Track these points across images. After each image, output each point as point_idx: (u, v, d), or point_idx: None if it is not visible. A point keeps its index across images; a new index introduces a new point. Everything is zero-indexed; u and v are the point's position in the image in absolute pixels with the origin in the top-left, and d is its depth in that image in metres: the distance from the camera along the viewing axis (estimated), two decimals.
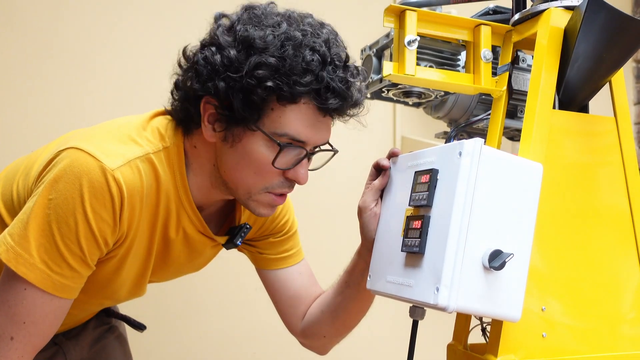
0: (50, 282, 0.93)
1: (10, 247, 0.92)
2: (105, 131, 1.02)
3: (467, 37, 1.06)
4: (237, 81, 0.94)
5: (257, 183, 1.01)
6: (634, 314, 0.97)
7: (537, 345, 0.90)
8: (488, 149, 0.83)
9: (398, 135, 2.26)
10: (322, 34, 0.99)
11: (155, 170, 1.01)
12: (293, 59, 0.94)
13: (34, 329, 0.94)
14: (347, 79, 0.98)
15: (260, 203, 1.04)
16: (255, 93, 0.94)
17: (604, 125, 1.01)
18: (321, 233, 2.08)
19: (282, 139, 0.97)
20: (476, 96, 1.19)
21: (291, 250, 1.27)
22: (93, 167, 0.93)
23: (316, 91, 0.95)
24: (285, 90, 0.93)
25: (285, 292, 1.26)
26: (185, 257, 1.17)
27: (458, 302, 0.80)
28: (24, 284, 0.92)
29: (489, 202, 0.83)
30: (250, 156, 0.99)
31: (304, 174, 1.02)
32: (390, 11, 1.01)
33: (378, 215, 1.02)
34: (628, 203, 0.99)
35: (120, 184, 0.94)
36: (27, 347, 0.95)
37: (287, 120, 0.96)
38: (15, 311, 0.93)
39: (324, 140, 1.03)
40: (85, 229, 0.93)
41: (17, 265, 0.91)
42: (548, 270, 0.93)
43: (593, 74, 0.97)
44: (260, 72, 0.93)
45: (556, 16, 0.98)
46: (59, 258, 0.93)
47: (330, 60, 0.96)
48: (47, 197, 0.92)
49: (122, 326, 1.41)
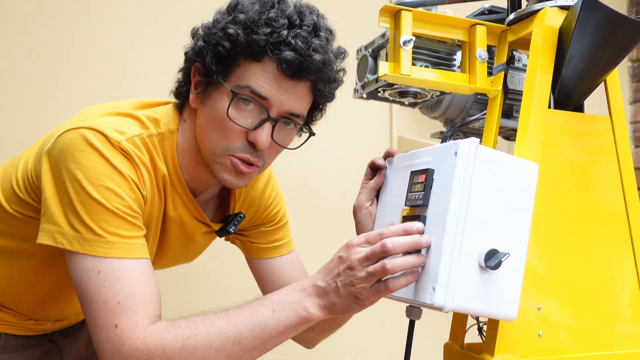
0: (133, 248, 0.94)
1: (80, 238, 0.92)
2: (96, 113, 1.03)
3: (462, 37, 1.07)
4: (211, 37, 1.01)
5: (219, 142, 1.02)
6: (630, 313, 0.97)
7: (534, 344, 0.91)
8: (484, 149, 0.84)
9: (394, 135, 2.26)
10: (306, 8, 1.02)
11: (150, 152, 1.02)
12: (258, 15, 0.98)
13: (140, 298, 0.92)
14: (309, 41, 0.99)
15: (224, 166, 1.03)
16: (222, 45, 0.99)
17: (599, 125, 1.01)
18: (317, 232, 2.08)
19: (243, 91, 0.99)
20: (472, 96, 1.19)
21: (282, 240, 1.29)
22: (99, 136, 0.95)
23: (273, 45, 0.97)
24: (242, 38, 0.97)
25: (275, 281, 1.27)
26: (181, 245, 1.18)
27: (454, 302, 0.80)
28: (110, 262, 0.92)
29: (485, 201, 0.83)
30: (214, 111, 1.01)
31: (264, 138, 1.00)
32: (385, 11, 1.01)
33: (373, 214, 1.02)
34: (623, 202, 1.00)
35: (128, 151, 0.97)
36: (144, 318, 0.92)
37: (250, 74, 0.99)
38: (116, 290, 0.91)
39: (291, 105, 1.01)
40: (125, 184, 0.95)
41: (95, 249, 0.92)
42: (544, 270, 0.93)
43: (588, 74, 0.98)
44: (228, 26, 0.98)
45: (551, 16, 0.98)
46: (122, 222, 0.94)
47: (298, 24, 0.99)
48: (76, 178, 0.93)
49: None
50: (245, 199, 1.22)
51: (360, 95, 1.16)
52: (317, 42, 0.99)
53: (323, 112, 1.12)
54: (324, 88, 1.04)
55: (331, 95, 1.08)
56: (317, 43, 0.99)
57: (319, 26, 1.02)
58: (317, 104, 1.09)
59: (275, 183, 1.29)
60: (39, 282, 1.11)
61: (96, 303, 0.91)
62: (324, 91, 1.05)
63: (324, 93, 1.05)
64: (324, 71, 1.01)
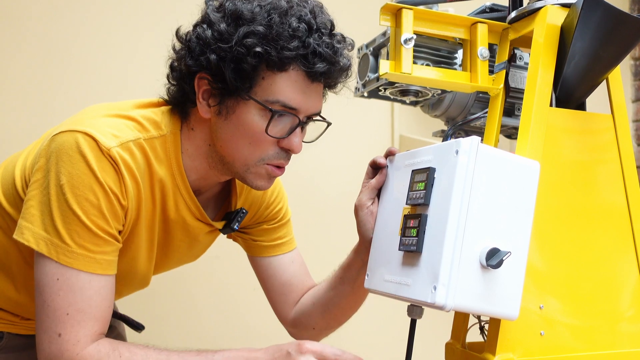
0: (95, 263, 0.95)
1: (49, 240, 0.93)
2: (92, 114, 1.03)
3: (463, 35, 1.06)
4: (228, 51, 0.97)
5: (253, 154, 1.03)
6: (632, 312, 0.97)
7: (535, 343, 0.90)
8: (485, 147, 0.83)
9: (396, 133, 2.26)
10: (307, 4, 1.02)
11: (146, 156, 1.02)
12: (280, 26, 0.97)
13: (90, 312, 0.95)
14: (334, 45, 1.00)
15: (258, 175, 1.05)
16: (245, 61, 0.97)
17: (601, 123, 1.01)
18: (319, 231, 2.08)
19: (274, 106, 0.99)
20: (473, 94, 1.19)
21: (284, 238, 1.30)
22: (91, 143, 0.95)
23: (303, 56, 0.98)
24: (274, 56, 0.96)
25: (277, 279, 1.28)
26: (186, 246, 1.18)
27: (455, 301, 0.80)
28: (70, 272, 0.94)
29: (486, 200, 0.83)
30: (245, 126, 1.01)
31: (297, 143, 1.03)
32: (386, 9, 1.01)
33: (374, 213, 1.02)
34: (625, 200, 0.99)
35: (117, 159, 0.97)
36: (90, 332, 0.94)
37: (278, 88, 0.99)
38: (72, 301, 0.94)
39: (316, 108, 1.04)
40: (105, 198, 0.95)
41: (59, 256, 0.93)
42: (546, 268, 0.93)
43: (590, 72, 0.97)
44: (249, 41, 0.96)
45: (552, 14, 0.98)
46: (92, 236, 0.95)
47: (317, 27, 0.99)
48: (59, 183, 0.94)
49: (120, 326, 1.41)
50: (247, 197, 1.22)
51: (362, 93, 1.16)
52: (339, 46, 1.02)
53: None
54: (337, 81, 1.07)
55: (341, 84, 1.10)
56: (339, 47, 1.02)
57: (332, 23, 1.04)
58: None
59: (278, 181, 1.29)
60: None
61: (48, 307, 0.93)
62: (336, 83, 1.07)
63: (335, 84, 1.08)
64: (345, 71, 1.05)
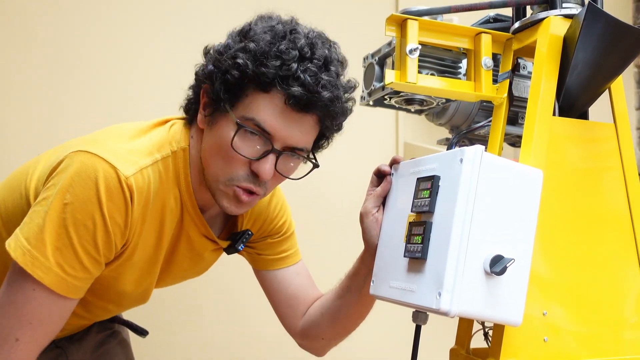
0: (65, 285, 0.94)
1: (27, 250, 0.92)
2: (114, 136, 1.03)
3: (467, 45, 1.07)
4: (221, 62, 1.00)
5: (223, 170, 1.02)
6: (636, 319, 0.98)
7: (539, 349, 0.91)
8: (489, 156, 0.85)
9: (401, 141, 2.27)
10: (316, 43, 1.01)
11: (161, 178, 1.02)
12: (268, 45, 0.98)
13: (40, 329, 0.95)
14: (319, 76, 0.98)
15: (226, 195, 1.04)
16: (230, 73, 0.98)
17: (603, 132, 1.02)
18: (324, 239, 2.09)
19: (247, 123, 0.99)
20: (477, 103, 1.20)
21: (289, 251, 1.29)
22: (109, 171, 0.94)
23: (283, 78, 0.97)
24: (251, 70, 0.97)
25: (284, 292, 1.28)
26: (189, 262, 1.18)
27: (460, 307, 0.81)
28: (34, 284, 0.93)
29: (490, 207, 0.84)
30: (219, 139, 1.01)
31: (266, 170, 1.00)
32: (391, 20, 1.02)
33: (380, 221, 1.03)
34: (628, 208, 1.00)
35: (133, 190, 0.96)
36: (32, 347, 0.95)
37: (257, 107, 0.99)
38: (22, 312, 0.94)
39: (295, 140, 1.01)
40: (103, 231, 0.94)
41: (34, 269, 0.92)
42: (549, 275, 0.94)
43: (592, 81, 0.99)
44: (236, 54, 0.98)
45: (555, 24, 0.99)
46: (75, 261, 0.94)
47: (309, 57, 0.99)
48: (62, 201, 0.93)
49: (125, 331, 1.42)
50: (251, 213, 1.22)
51: (367, 102, 1.17)
52: (327, 78, 0.99)
53: (330, 141, 1.13)
54: (331, 123, 1.05)
55: (338, 127, 1.09)
56: (327, 79, 0.99)
57: (331, 59, 1.02)
58: (324, 134, 1.10)
59: (281, 194, 1.29)
60: None
61: (1, 308, 0.94)
62: (331, 125, 1.05)
63: (331, 127, 1.06)
64: (331, 107, 1.01)
